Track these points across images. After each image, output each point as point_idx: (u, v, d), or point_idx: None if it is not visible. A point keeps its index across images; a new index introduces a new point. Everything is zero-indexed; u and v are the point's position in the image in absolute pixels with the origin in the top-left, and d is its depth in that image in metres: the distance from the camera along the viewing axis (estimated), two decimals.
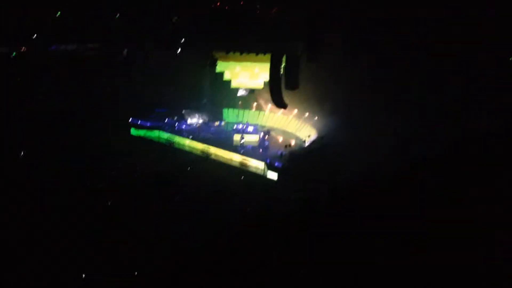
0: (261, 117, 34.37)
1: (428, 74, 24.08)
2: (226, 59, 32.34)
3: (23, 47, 30.07)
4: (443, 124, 21.05)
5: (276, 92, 29.56)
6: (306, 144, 29.33)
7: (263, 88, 32.41)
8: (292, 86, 29.12)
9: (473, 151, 10.78)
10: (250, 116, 34.51)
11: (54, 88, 31.99)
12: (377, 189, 8.76)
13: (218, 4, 28.93)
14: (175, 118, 32.71)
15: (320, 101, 30.76)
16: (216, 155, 28.87)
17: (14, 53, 29.85)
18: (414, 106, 24.08)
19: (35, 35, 29.96)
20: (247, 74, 32.84)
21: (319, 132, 29.78)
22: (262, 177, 26.48)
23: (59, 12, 29.77)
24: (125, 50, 30.48)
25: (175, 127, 31.96)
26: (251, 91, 33.86)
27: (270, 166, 26.27)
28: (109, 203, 20.44)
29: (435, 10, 23.35)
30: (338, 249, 6.55)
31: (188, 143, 30.32)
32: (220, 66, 32.78)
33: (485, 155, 9.97)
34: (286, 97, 29.93)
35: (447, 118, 21.39)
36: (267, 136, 30.36)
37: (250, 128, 31.55)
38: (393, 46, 25.37)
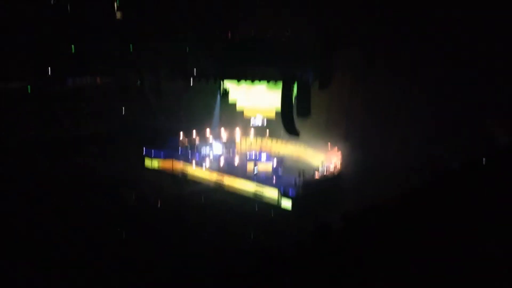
0: (274, 145, 34.31)
1: (446, 96, 23.62)
2: (237, 88, 32.56)
3: (38, 82, 30.70)
4: (466, 152, 20.47)
5: (288, 120, 29.53)
6: (320, 171, 29.05)
7: (275, 116, 32.48)
8: (304, 113, 29.07)
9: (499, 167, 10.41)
10: (263, 145, 34.47)
11: (68, 119, 32.52)
12: (394, 218, 8.48)
13: (229, 34, 29.38)
14: (189, 148, 32.73)
15: (333, 128, 30.65)
16: (229, 184, 28.73)
17: (29, 87, 30.48)
18: (433, 132, 23.68)
19: (49, 69, 30.60)
20: (258, 102, 33.01)
21: (332, 159, 29.54)
22: (276, 206, 26.19)
23: (73, 46, 30.48)
24: (138, 81, 30.89)
25: (188, 157, 31.96)
26: (263, 120, 33.98)
27: (284, 194, 26.01)
28: (123, 235, 20.32)
29: (453, 24, 22.98)
30: (354, 281, 6.28)
31: (202, 173, 30.26)
32: (232, 96, 33.00)
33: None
34: (299, 125, 29.85)
35: (469, 146, 20.76)
36: (280, 164, 30.16)
37: (263, 157, 31.39)
38: (407, 71, 25.16)
